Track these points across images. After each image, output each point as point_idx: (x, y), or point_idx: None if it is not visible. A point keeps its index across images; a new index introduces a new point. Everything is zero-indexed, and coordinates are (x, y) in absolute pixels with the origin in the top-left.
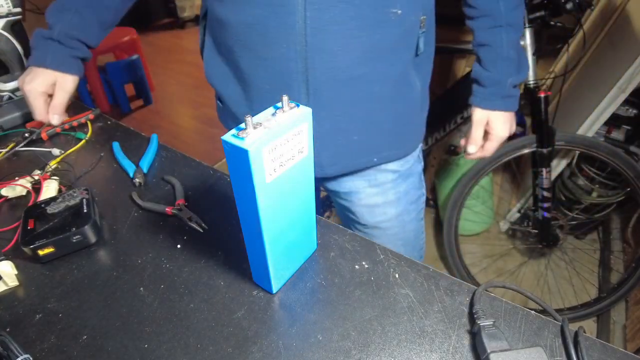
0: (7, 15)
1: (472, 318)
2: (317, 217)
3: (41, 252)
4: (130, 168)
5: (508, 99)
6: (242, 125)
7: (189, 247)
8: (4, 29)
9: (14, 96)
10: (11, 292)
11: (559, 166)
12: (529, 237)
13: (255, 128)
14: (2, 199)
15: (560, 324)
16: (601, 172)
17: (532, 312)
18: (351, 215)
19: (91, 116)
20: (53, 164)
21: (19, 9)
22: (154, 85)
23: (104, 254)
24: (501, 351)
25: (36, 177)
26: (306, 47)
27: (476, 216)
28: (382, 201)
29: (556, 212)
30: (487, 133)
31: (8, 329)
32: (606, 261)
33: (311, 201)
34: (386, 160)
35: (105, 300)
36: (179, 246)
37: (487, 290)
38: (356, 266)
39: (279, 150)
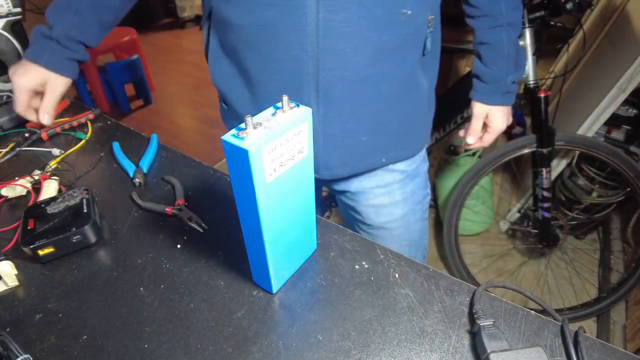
0: (7, 15)
1: (472, 318)
2: (317, 217)
3: (41, 252)
4: (130, 168)
5: (507, 94)
6: (242, 125)
7: (189, 247)
8: (4, 29)
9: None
10: (11, 292)
11: (559, 166)
12: (529, 237)
13: (255, 128)
14: (2, 199)
15: (560, 324)
16: (601, 172)
17: (532, 312)
18: (356, 215)
19: (91, 116)
20: (53, 164)
21: (19, 9)
22: (154, 85)
23: (104, 254)
24: (501, 351)
25: (36, 177)
26: (318, 48)
27: (476, 216)
28: (389, 201)
29: (556, 212)
30: (485, 125)
31: (8, 329)
32: (606, 261)
33: (311, 201)
34: (394, 160)
35: (105, 300)
36: (179, 246)
37: (487, 290)
38: (356, 266)
39: (279, 150)
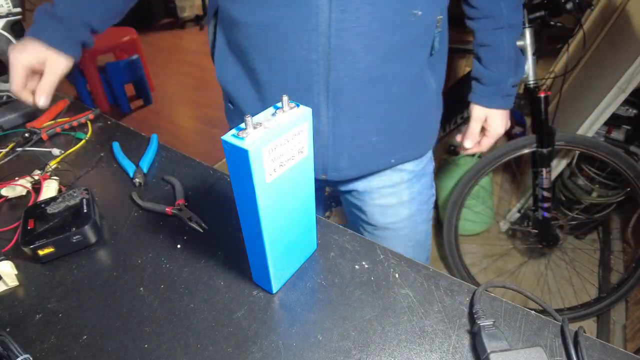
0: (7, 15)
1: (472, 318)
2: (317, 217)
3: (41, 252)
4: (130, 168)
5: (507, 97)
6: (242, 125)
7: (189, 247)
8: (4, 29)
9: (14, 96)
10: (11, 292)
11: (559, 166)
12: (529, 237)
13: (255, 128)
14: (2, 199)
15: (560, 324)
16: (601, 172)
17: (532, 312)
18: (361, 215)
19: (91, 116)
20: (53, 164)
21: (19, 9)
22: (154, 85)
23: (104, 254)
24: (501, 351)
25: (36, 177)
26: (329, 48)
27: (476, 216)
28: (396, 201)
29: (556, 212)
30: (483, 129)
31: (8, 329)
32: (606, 261)
33: (311, 201)
34: (403, 161)
35: (105, 300)
36: (179, 246)
37: (487, 290)
38: (356, 266)
39: (279, 150)
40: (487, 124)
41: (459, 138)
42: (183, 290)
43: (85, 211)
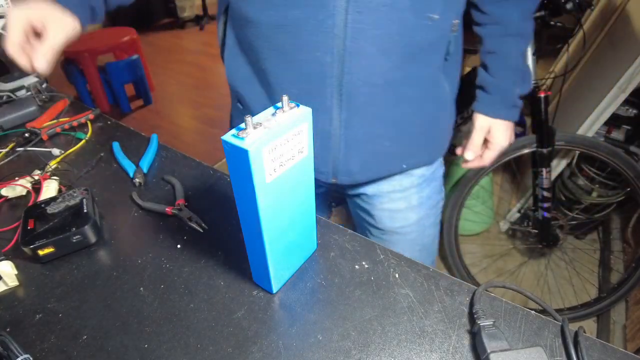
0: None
1: (472, 318)
2: (317, 217)
3: (41, 252)
4: (130, 168)
5: (513, 108)
6: (242, 125)
7: (189, 247)
8: (4, 29)
9: (14, 96)
10: (11, 292)
11: (559, 166)
12: (529, 237)
13: (255, 128)
14: (2, 199)
15: (560, 324)
16: (601, 172)
17: (532, 312)
18: (368, 219)
19: (91, 116)
20: (53, 164)
21: None
22: (154, 85)
23: (104, 254)
24: (501, 351)
25: (36, 177)
26: (344, 50)
27: (476, 216)
28: (405, 206)
29: (556, 212)
30: (486, 141)
31: (8, 329)
32: (606, 261)
33: (311, 201)
34: (415, 166)
35: (105, 300)
36: (179, 246)
37: (487, 290)
38: (356, 266)
39: (279, 150)
40: (491, 136)
41: (459, 151)
42: (183, 290)
43: (85, 211)
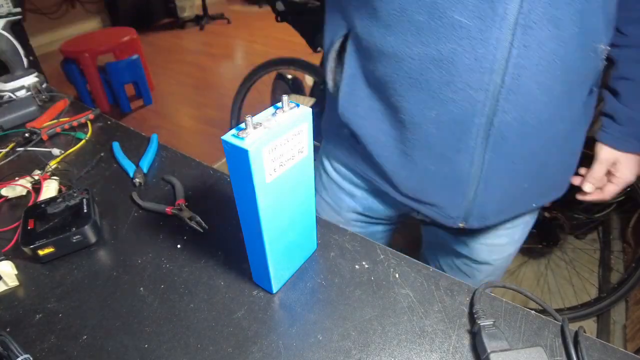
0: (7, 15)
1: (472, 318)
2: (317, 217)
3: (41, 252)
4: (130, 168)
5: None
6: (242, 125)
7: (189, 247)
8: (4, 29)
9: (14, 96)
10: (11, 292)
11: None
12: (529, 237)
13: (255, 128)
14: (2, 199)
15: (560, 323)
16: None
17: (532, 312)
18: (461, 249)
19: (91, 116)
20: (53, 164)
21: (19, 9)
22: (154, 85)
23: (104, 254)
24: (501, 351)
25: (36, 177)
26: (502, 88)
27: None
28: (507, 241)
29: (556, 212)
30: (609, 173)
31: (8, 329)
32: (606, 261)
33: (311, 201)
34: (542, 204)
35: (105, 300)
36: (179, 246)
37: (487, 290)
38: (356, 266)
39: (279, 150)
40: (615, 169)
41: (576, 181)
42: (183, 290)
43: (85, 211)
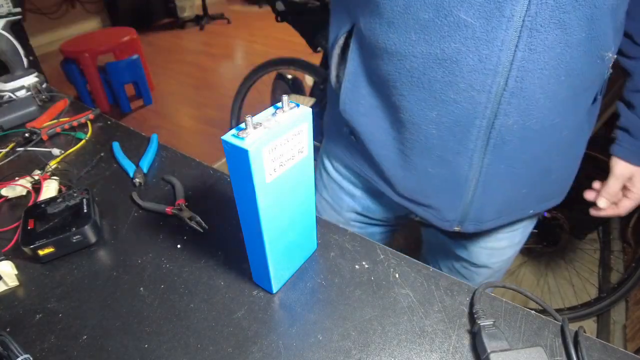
0: (7, 15)
1: (472, 318)
2: (317, 217)
3: (41, 252)
4: (130, 168)
5: None
6: (242, 125)
7: (189, 247)
8: (4, 29)
9: (14, 96)
10: (11, 292)
11: None
12: (529, 237)
13: (255, 128)
14: (2, 199)
15: (560, 323)
16: (601, 171)
17: (532, 312)
18: (460, 252)
19: (91, 116)
20: (53, 164)
21: (19, 9)
22: (154, 85)
23: (104, 254)
24: (501, 351)
25: (36, 177)
26: (504, 91)
27: None
28: (507, 244)
29: (556, 212)
30: (625, 188)
31: (8, 329)
32: (606, 261)
33: (311, 201)
34: (541, 210)
35: (105, 300)
36: (179, 246)
37: (487, 290)
38: (356, 266)
39: (279, 150)
40: (632, 184)
41: (590, 195)
42: (183, 290)
43: (85, 211)
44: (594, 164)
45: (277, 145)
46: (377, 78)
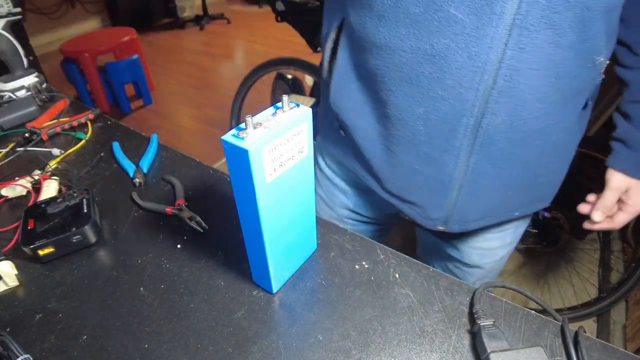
0: (7, 15)
1: (472, 318)
2: (317, 217)
3: (41, 252)
4: (130, 168)
5: None
6: (242, 125)
7: (189, 247)
8: (4, 29)
9: (14, 96)
10: (11, 292)
11: None
12: (529, 237)
13: (255, 128)
14: (2, 199)
15: (560, 323)
16: (601, 171)
17: (532, 312)
18: (452, 252)
19: (91, 116)
20: (53, 164)
21: (19, 9)
22: (154, 85)
23: (104, 254)
24: (501, 351)
25: (36, 177)
26: (492, 89)
27: None
28: (498, 245)
29: (556, 212)
30: (620, 201)
31: (8, 329)
32: (606, 261)
33: (311, 201)
34: (528, 213)
35: (105, 300)
36: (179, 246)
37: (487, 290)
38: (356, 266)
39: (279, 150)
40: (627, 197)
41: (585, 209)
42: (183, 290)
43: (85, 211)
44: (594, 164)
45: (277, 145)
46: (366, 72)
